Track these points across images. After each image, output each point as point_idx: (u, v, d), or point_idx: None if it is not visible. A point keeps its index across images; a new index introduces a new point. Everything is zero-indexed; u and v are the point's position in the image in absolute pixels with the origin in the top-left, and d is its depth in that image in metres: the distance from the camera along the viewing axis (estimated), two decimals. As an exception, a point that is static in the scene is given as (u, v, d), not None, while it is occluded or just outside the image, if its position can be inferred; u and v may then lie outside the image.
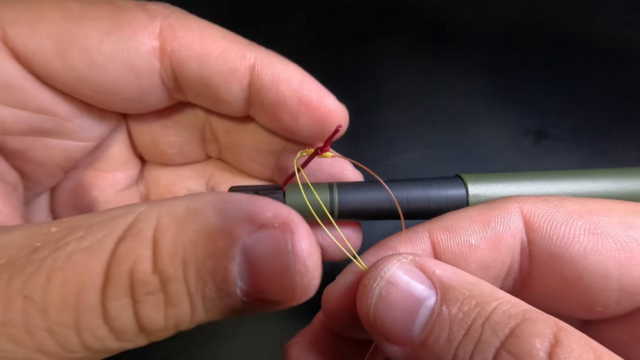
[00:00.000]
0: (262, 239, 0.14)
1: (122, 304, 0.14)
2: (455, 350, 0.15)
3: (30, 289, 0.14)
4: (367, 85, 0.42)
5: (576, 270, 0.19)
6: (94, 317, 0.14)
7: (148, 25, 0.21)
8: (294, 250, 0.15)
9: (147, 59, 0.21)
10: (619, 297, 0.19)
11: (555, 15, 0.44)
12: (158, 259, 0.14)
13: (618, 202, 0.20)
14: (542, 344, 0.14)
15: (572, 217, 0.19)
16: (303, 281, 0.15)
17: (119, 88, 0.21)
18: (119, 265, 0.14)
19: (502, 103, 0.41)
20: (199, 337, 0.34)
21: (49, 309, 0.14)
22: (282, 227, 0.15)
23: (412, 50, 0.43)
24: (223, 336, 0.34)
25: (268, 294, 0.15)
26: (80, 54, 0.20)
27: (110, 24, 0.20)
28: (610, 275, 0.18)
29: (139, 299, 0.14)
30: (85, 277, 0.14)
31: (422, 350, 0.16)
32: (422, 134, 0.40)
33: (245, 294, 0.15)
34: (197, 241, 0.14)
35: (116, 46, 0.20)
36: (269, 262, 0.15)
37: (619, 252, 0.18)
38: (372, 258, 0.21)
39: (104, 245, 0.14)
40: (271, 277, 0.15)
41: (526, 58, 0.43)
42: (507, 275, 0.21)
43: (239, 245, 0.14)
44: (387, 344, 0.17)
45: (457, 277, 0.17)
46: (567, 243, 0.19)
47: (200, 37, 0.21)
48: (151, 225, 0.15)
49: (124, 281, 0.14)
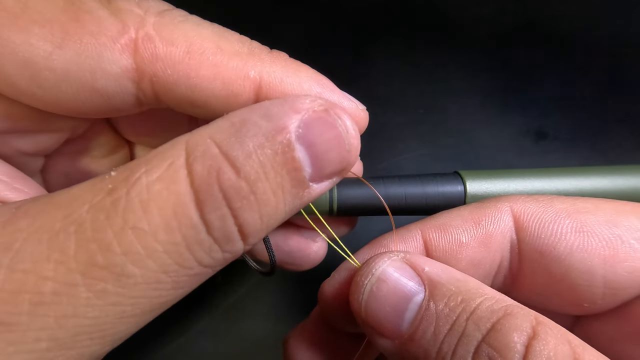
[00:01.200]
0: (311, 122, 0.16)
1: (222, 213, 0.15)
2: (440, 343, 0.16)
3: (134, 220, 0.15)
4: (367, 85, 0.42)
5: (563, 267, 0.19)
6: (198, 232, 0.15)
7: (118, 38, 0.16)
8: (341, 121, 0.17)
9: (117, 82, 0.17)
10: (604, 293, 0.19)
11: (555, 15, 0.44)
12: (237, 166, 0.15)
13: (606, 201, 0.20)
14: (520, 337, 0.15)
15: (560, 216, 0.20)
16: (354, 143, 0.17)
17: (80, 108, 0.18)
18: (205, 181, 0.15)
19: (502, 103, 0.41)
20: (199, 337, 0.34)
21: (158, 233, 0.15)
22: (324, 108, 0.17)
23: (412, 50, 0.43)
24: (223, 335, 0.34)
25: (330, 167, 0.17)
26: (21, 68, 0.16)
27: (64, 31, 0.16)
28: (595, 272, 0.19)
29: (236, 205, 0.15)
30: (174, 200, 0.15)
31: (410, 344, 0.17)
32: (422, 134, 0.40)
33: (312, 178, 0.17)
34: (262, 143, 0.16)
35: (73, 64, 0.16)
36: (324, 139, 0.17)
37: (603, 249, 0.19)
38: (365, 255, 0.22)
39: (174, 172, 0.15)
40: (330, 151, 0.17)
41: (526, 58, 0.43)
42: (498, 273, 0.21)
43: (295, 134, 0.16)
44: (377, 337, 0.18)
45: (445, 274, 0.18)
46: (554, 241, 0.19)
47: (188, 53, 0.17)
48: (210, 144, 0.16)
49: (217, 193, 0.15)
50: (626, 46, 0.43)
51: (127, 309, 0.15)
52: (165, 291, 0.16)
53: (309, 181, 0.17)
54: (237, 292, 0.34)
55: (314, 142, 0.16)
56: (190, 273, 0.16)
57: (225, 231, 0.16)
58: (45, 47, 0.16)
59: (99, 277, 0.15)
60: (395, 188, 0.24)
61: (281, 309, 0.34)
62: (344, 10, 0.45)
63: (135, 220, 0.15)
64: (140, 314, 0.16)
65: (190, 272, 0.16)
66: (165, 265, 0.15)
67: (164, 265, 0.15)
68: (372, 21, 0.44)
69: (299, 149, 0.16)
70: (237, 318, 0.34)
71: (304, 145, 0.16)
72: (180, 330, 0.34)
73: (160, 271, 0.15)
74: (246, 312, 0.34)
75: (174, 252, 0.15)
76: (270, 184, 0.16)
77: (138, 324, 0.16)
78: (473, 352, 0.16)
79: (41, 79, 0.16)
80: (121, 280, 0.15)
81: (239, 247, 0.17)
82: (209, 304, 0.35)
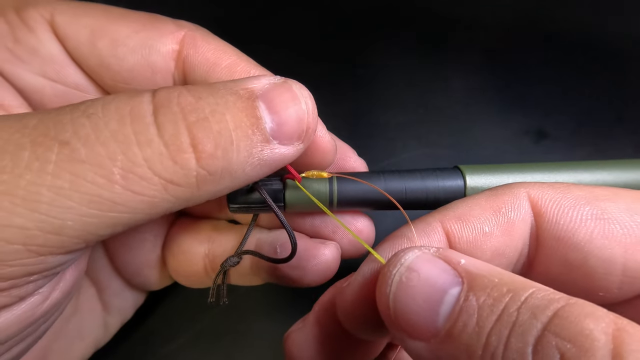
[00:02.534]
0: (272, 87, 0.20)
1: (175, 119, 0.18)
2: (486, 336, 0.14)
3: (92, 111, 0.17)
4: (367, 85, 0.42)
5: (581, 254, 0.19)
6: (148, 129, 0.17)
7: (174, 32, 0.24)
8: (296, 86, 0.20)
9: (164, 59, 0.24)
10: (622, 282, 0.19)
11: (555, 15, 0.44)
12: (199, 96, 0.18)
13: (624, 190, 0.20)
14: (595, 324, 0.13)
15: (580, 203, 0.19)
16: (310, 103, 0.20)
17: (133, 79, 0.24)
18: (165, 97, 0.18)
19: (502, 103, 0.41)
20: (199, 337, 0.34)
21: (110, 122, 0.17)
22: (282, 80, 0.20)
23: (412, 50, 0.43)
24: (222, 335, 0.34)
25: (290, 126, 0.19)
26: (108, 44, 0.23)
27: (142, 26, 0.24)
28: (615, 259, 0.18)
29: (191, 119, 0.18)
30: (133, 103, 0.18)
31: (449, 342, 0.15)
32: (422, 134, 0.40)
33: (274, 134, 0.19)
34: (226, 94, 0.19)
35: (140, 42, 0.23)
36: (282, 100, 0.19)
37: (624, 237, 0.18)
38: (387, 251, 0.20)
39: (140, 92, 0.19)
40: (288, 108, 0.19)
41: (526, 58, 0.43)
42: (517, 261, 0.20)
43: (257, 93, 0.19)
44: (409, 340, 0.16)
45: (484, 267, 0.16)
46: (574, 228, 0.19)
47: (215, 49, 0.24)
48: (179, 87, 0.19)
49: (174, 105, 0.18)
50: (626, 46, 0.43)
51: (64, 184, 0.16)
52: (116, 188, 0.17)
53: (271, 136, 0.19)
54: (237, 292, 0.34)
55: (274, 101, 0.19)
56: (139, 173, 0.17)
57: (176, 138, 0.17)
58: (126, 33, 0.23)
59: (44, 145, 0.16)
60: (396, 182, 0.24)
61: (281, 309, 0.34)
62: (344, 10, 0.45)
63: (93, 111, 0.17)
64: (78, 200, 0.16)
65: (139, 171, 0.17)
66: (112, 154, 0.17)
67: (111, 152, 0.17)
68: (372, 21, 0.44)
69: (260, 105, 0.19)
70: (237, 318, 0.34)
71: (264, 103, 0.19)
72: (180, 330, 0.34)
73: (107, 157, 0.16)
74: (246, 312, 0.34)
75: (123, 143, 0.17)
76: (229, 118, 0.18)
77: (78, 212, 0.16)
78: (534, 344, 0.13)
79: (117, 51, 0.23)
80: (64, 152, 0.16)
81: (191, 163, 0.18)
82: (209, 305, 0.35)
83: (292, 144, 0.20)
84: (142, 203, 0.17)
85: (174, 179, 0.17)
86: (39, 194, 0.16)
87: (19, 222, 0.16)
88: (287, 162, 0.20)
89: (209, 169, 0.18)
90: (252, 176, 0.19)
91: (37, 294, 0.19)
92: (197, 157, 0.18)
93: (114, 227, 0.18)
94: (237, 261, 0.26)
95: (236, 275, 0.27)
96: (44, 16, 0.23)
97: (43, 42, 0.23)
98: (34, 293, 0.19)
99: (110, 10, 0.24)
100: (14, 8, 0.23)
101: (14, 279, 0.17)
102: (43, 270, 0.18)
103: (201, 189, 0.18)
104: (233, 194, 0.24)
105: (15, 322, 0.18)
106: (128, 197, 0.17)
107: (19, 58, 0.23)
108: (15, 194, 0.16)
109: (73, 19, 0.23)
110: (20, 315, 0.18)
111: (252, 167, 0.19)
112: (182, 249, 0.28)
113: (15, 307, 0.18)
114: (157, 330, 0.34)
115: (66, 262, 0.19)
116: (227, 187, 0.19)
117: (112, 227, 0.18)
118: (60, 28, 0.23)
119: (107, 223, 0.17)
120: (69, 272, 0.21)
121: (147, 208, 0.18)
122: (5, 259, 0.16)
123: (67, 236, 0.17)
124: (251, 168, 0.19)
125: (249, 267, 0.27)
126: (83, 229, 0.17)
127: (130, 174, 0.17)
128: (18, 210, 0.16)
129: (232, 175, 0.19)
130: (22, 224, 0.16)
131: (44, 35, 0.23)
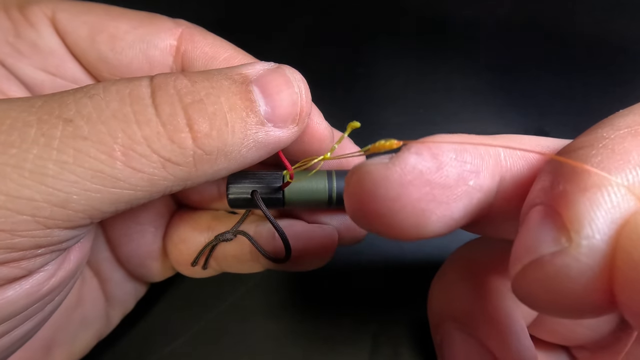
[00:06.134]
0: (266, 73, 0.20)
1: (171, 101, 0.19)
2: None
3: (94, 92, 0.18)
4: (366, 84, 0.42)
5: None
6: (146, 109, 0.18)
7: (172, 28, 0.25)
8: (289, 71, 0.21)
9: (162, 53, 0.25)
10: None
11: (555, 15, 0.44)
12: (195, 80, 0.19)
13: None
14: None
15: None
16: (303, 87, 0.21)
17: (131, 73, 0.24)
18: (163, 81, 0.19)
19: (502, 103, 0.41)
20: (199, 337, 0.34)
21: (111, 102, 0.18)
22: (276, 66, 0.21)
23: (412, 50, 0.43)
24: (222, 335, 0.34)
25: (284, 108, 0.20)
26: (106, 39, 0.24)
27: (140, 23, 0.24)
28: None
29: (186, 100, 0.19)
30: (132, 86, 0.19)
31: None
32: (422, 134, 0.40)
33: (268, 116, 0.20)
34: (221, 79, 0.20)
35: (138, 37, 0.24)
36: (276, 84, 0.20)
37: None
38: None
39: (138, 79, 0.19)
40: (281, 92, 0.20)
41: (526, 58, 0.43)
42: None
43: (251, 78, 0.20)
44: None
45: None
46: None
47: (212, 44, 0.25)
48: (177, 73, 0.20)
49: (170, 88, 0.19)
50: (626, 46, 0.43)
51: (69, 159, 0.17)
52: (117, 164, 0.17)
53: (265, 119, 0.20)
54: (237, 292, 0.34)
55: (267, 85, 0.20)
56: (139, 150, 0.18)
57: (173, 118, 0.18)
58: (125, 29, 0.24)
59: (49, 122, 0.17)
60: None
61: (281, 308, 0.34)
62: (344, 10, 0.45)
63: (95, 92, 0.18)
64: (82, 174, 0.17)
65: (138, 148, 0.18)
66: (113, 131, 0.17)
67: (112, 130, 0.17)
68: (372, 21, 0.44)
69: (254, 89, 0.20)
70: (237, 318, 0.34)
71: (258, 87, 0.20)
72: (180, 330, 0.34)
73: (108, 134, 0.17)
74: (246, 312, 0.34)
75: (123, 121, 0.18)
76: (223, 101, 0.19)
77: (82, 187, 0.17)
78: None
79: (115, 45, 0.24)
80: (67, 129, 0.17)
81: (188, 142, 0.18)
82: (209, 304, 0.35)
83: (286, 126, 0.21)
84: (142, 180, 0.18)
85: (171, 157, 0.18)
86: (45, 167, 0.17)
87: (28, 193, 0.17)
88: (282, 145, 0.21)
89: (204, 148, 0.19)
90: (248, 158, 0.20)
91: (43, 271, 0.20)
92: (193, 137, 0.18)
93: (117, 203, 0.18)
94: (231, 238, 0.27)
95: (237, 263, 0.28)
96: (46, 13, 0.24)
97: (43, 37, 0.24)
98: (40, 269, 0.20)
99: (110, 9, 0.25)
100: (18, 5, 0.24)
101: (24, 250, 0.18)
102: (50, 243, 0.18)
103: (199, 169, 0.19)
104: (232, 188, 0.24)
105: (23, 296, 0.19)
106: (129, 174, 0.18)
107: (20, 52, 0.24)
108: (23, 167, 0.16)
109: (74, 16, 0.24)
110: (28, 289, 0.19)
111: (248, 149, 0.20)
112: (182, 238, 0.29)
113: (24, 281, 0.19)
114: (157, 328, 0.34)
115: (72, 239, 0.20)
116: (224, 169, 0.20)
117: (115, 203, 0.18)
118: (60, 24, 0.24)
119: (111, 199, 0.18)
120: (73, 253, 0.22)
121: (147, 185, 0.18)
122: (16, 229, 0.17)
123: (73, 210, 0.17)
124: (247, 150, 0.20)
125: (248, 253, 0.27)
126: (87, 203, 0.18)
127: (130, 151, 0.18)
128: (26, 183, 0.16)
129: (228, 156, 0.19)
130: (31, 196, 0.17)
131: (45, 30, 0.24)
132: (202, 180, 0.20)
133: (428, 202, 0.14)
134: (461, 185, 0.15)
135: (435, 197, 0.14)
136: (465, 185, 0.15)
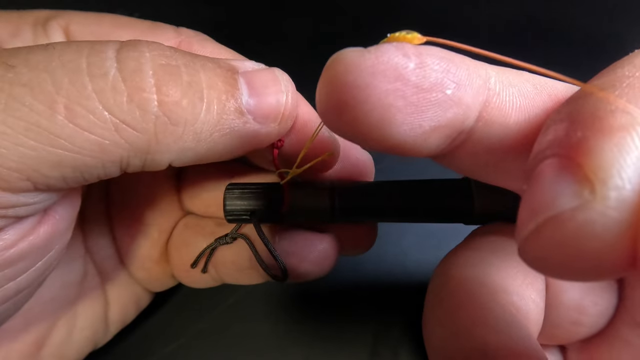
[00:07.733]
0: (255, 70, 0.20)
1: (137, 55, 0.17)
2: None
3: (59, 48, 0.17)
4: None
5: None
6: (107, 62, 0.17)
7: (171, 38, 0.25)
8: (277, 71, 0.21)
9: None
10: None
11: (555, 15, 0.44)
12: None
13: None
14: None
15: None
16: (289, 86, 0.20)
17: None
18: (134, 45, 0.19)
19: (502, 103, 0.41)
20: (199, 337, 0.34)
21: (84, 55, 0.17)
22: (264, 67, 0.21)
23: (412, 50, 0.43)
24: (223, 335, 0.34)
25: (267, 104, 0.20)
26: None
27: (142, 32, 0.25)
28: None
29: (160, 61, 0.18)
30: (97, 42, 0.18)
31: None
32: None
33: (249, 109, 0.19)
34: (210, 65, 0.19)
35: None
36: (263, 80, 0.20)
37: None
38: None
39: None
40: (266, 87, 0.20)
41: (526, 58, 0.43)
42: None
43: (239, 71, 0.20)
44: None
45: None
46: None
47: (211, 51, 0.25)
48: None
49: (143, 47, 0.18)
50: (626, 46, 0.43)
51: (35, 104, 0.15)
52: (58, 118, 0.15)
53: (246, 109, 0.19)
54: (237, 292, 0.34)
55: (254, 80, 0.20)
56: (86, 105, 0.16)
57: (137, 75, 0.16)
58: (127, 37, 0.23)
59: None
60: (397, 195, 0.23)
61: (281, 309, 0.34)
62: (344, 10, 0.45)
63: (53, 45, 0.17)
64: (12, 124, 0.15)
65: (87, 103, 0.16)
66: (58, 81, 0.16)
67: (57, 79, 0.16)
68: (372, 20, 0.44)
69: (239, 79, 0.19)
70: (237, 318, 0.34)
71: (245, 79, 0.19)
72: (180, 330, 0.34)
73: (50, 83, 0.16)
74: (246, 312, 0.34)
75: (73, 72, 0.16)
76: (202, 77, 0.18)
77: (14, 140, 0.15)
78: None
79: None
80: (7, 75, 0.15)
81: (151, 104, 0.16)
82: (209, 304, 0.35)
83: (266, 123, 0.20)
84: (89, 142, 0.16)
85: (127, 118, 0.16)
86: None
87: None
88: (260, 141, 0.20)
89: (170, 115, 0.17)
90: (220, 145, 0.19)
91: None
92: (159, 100, 0.16)
93: (60, 167, 0.16)
94: (230, 241, 0.27)
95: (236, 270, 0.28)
96: (61, 24, 0.25)
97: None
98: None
99: (117, 19, 0.25)
100: (43, 19, 0.25)
101: None
102: None
103: (160, 140, 0.17)
104: (230, 206, 0.24)
105: None
106: (71, 132, 0.16)
107: None
108: None
109: (84, 26, 0.25)
110: None
111: (221, 134, 0.18)
112: (185, 242, 0.29)
113: None
114: (157, 330, 0.34)
115: (23, 206, 0.17)
116: (190, 149, 0.18)
117: (58, 166, 0.16)
118: (73, 35, 0.25)
119: (51, 160, 0.16)
120: (42, 227, 0.19)
121: (96, 150, 0.16)
122: None
123: (6, 168, 0.15)
124: (219, 135, 0.18)
125: (247, 260, 0.27)
126: (22, 161, 0.15)
127: (75, 105, 0.16)
128: None
129: (196, 135, 0.18)
130: None
131: (57, 38, 0.25)
132: (165, 158, 0.18)
133: (396, 97, 0.13)
134: (437, 91, 0.13)
135: (405, 95, 0.13)
136: (442, 93, 0.13)
